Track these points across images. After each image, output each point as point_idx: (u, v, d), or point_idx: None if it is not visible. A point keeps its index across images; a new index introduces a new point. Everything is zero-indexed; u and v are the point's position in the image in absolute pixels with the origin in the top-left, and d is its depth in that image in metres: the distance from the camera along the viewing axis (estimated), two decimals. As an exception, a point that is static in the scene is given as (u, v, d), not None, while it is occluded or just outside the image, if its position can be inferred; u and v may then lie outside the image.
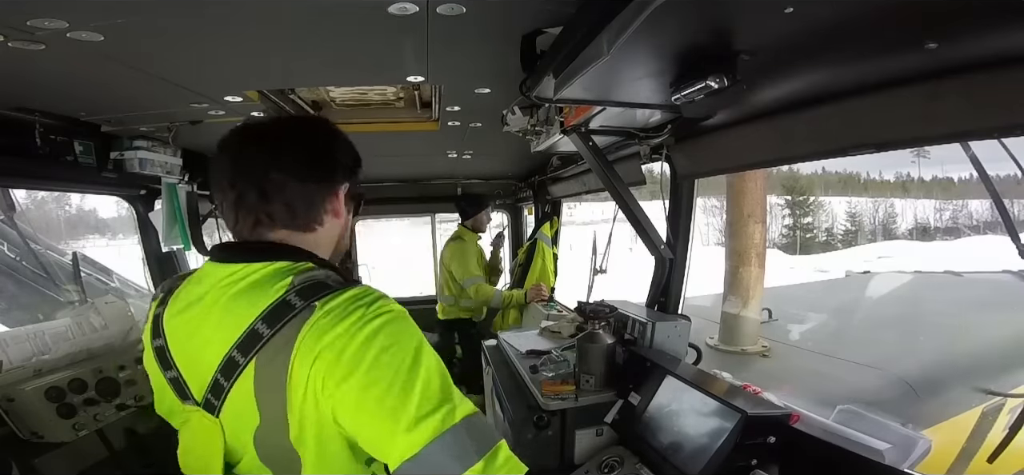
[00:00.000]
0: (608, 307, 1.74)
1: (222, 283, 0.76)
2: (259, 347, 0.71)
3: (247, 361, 0.72)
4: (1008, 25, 0.74)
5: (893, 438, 1.22)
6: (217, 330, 0.74)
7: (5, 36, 0.92)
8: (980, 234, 27.70)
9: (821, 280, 8.45)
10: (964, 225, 30.15)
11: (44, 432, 1.56)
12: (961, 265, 6.61)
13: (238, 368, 0.72)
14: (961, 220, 32.91)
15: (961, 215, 33.75)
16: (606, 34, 0.77)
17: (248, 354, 0.72)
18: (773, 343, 4.16)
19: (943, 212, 34.44)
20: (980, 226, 31.86)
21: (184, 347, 0.79)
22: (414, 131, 2.00)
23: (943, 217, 34.42)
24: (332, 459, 0.74)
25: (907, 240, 29.88)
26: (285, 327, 0.71)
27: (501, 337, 2.22)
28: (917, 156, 37.74)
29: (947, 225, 33.63)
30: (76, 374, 1.69)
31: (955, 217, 33.99)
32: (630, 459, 1.43)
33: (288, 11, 0.91)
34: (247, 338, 0.72)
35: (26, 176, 1.69)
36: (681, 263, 1.81)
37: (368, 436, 0.69)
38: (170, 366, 0.80)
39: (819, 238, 33.41)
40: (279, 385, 0.70)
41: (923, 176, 41.21)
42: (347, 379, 0.68)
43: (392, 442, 0.66)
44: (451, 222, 3.73)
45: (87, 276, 3.39)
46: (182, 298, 0.81)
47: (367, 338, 0.69)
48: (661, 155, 1.74)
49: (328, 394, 0.68)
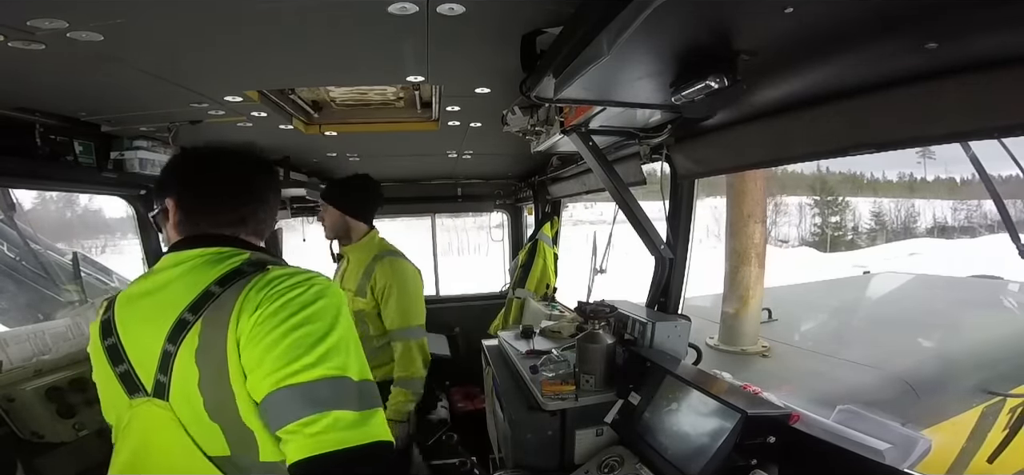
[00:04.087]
0: (608, 307, 1.74)
1: (186, 261, 0.87)
2: (209, 303, 0.79)
3: (196, 319, 0.79)
4: (1008, 25, 0.74)
5: (893, 438, 1.22)
6: (172, 300, 0.81)
7: (5, 36, 0.92)
8: (994, 233, 27.78)
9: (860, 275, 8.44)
10: (978, 224, 30.26)
11: (44, 432, 1.56)
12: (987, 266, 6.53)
13: (186, 327, 0.78)
14: (975, 219, 33.12)
15: (975, 215, 33.99)
16: (606, 34, 0.76)
17: (198, 311, 0.79)
18: (780, 344, 4.14)
19: (958, 211, 34.88)
20: (994, 225, 32.01)
21: (136, 333, 0.84)
22: (414, 131, 2.00)
23: (959, 216, 34.80)
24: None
25: (929, 237, 30.13)
26: (235, 284, 0.81)
27: (501, 337, 2.22)
28: (923, 156, 38.07)
29: (962, 224, 33.87)
30: (76, 374, 1.70)
31: (970, 216, 34.24)
32: (630, 459, 1.43)
33: (288, 11, 0.91)
34: (200, 298, 0.80)
35: (26, 176, 1.69)
36: (681, 263, 1.81)
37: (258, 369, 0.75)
38: (121, 360, 0.84)
39: (846, 237, 33.95)
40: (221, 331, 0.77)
41: (926, 177, 41.56)
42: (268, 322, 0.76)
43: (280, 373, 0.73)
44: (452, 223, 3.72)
45: (87, 276, 3.38)
46: (136, 290, 0.89)
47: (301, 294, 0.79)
48: (661, 155, 1.74)
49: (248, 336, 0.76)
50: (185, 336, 0.78)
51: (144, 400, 0.81)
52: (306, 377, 0.72)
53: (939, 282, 6.32)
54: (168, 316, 0.80)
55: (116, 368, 0.84)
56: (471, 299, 4.01)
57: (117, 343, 0.85)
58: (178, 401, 0.78)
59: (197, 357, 0.77)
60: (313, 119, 1.90)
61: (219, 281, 0.82)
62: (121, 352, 0.84)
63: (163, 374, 0.79)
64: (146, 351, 0.81)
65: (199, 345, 0.77)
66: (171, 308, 0.81)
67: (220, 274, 0.83)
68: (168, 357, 0.78)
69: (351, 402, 0.73)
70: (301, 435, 0.70)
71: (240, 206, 0.95)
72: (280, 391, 0.72)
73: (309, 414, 0.71)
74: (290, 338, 0.74)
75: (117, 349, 0.84)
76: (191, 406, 0.78)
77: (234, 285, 0.81)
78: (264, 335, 0.75)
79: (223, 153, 0.99)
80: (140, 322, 0.84)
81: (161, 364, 0.79)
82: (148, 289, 0.87)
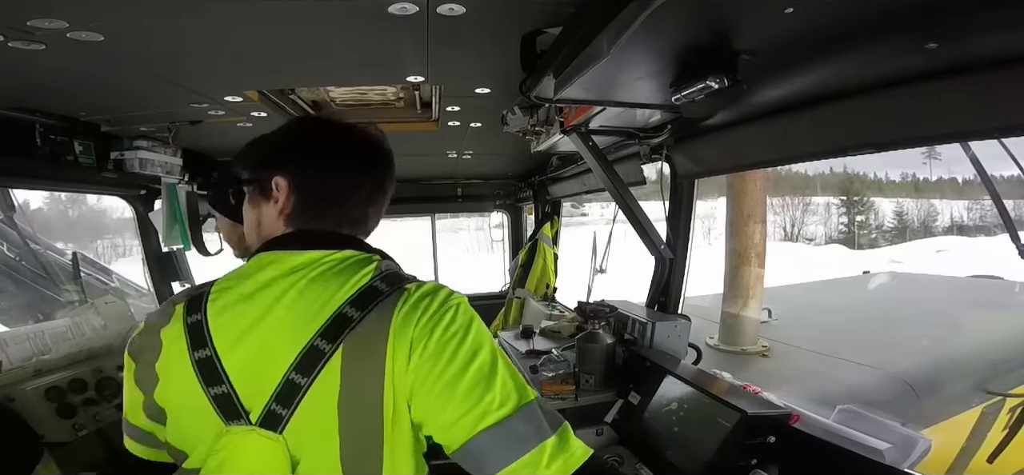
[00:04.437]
0: (608, 307, 1.74)
1: (301, 267, 0.71)
2: (348, 330, 0.67)
3: (334, 348, 0.66)
4: (1008, 25, 0.74)
5: (893, 438, 1.22)
6: (293, 319, 0.68)
7: (5, 36, 0.92)
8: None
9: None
10: (993, 224, 30.63)
11: (44, 432, 1.55)
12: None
13: (322, 357, 0.65)
14: (989, 219, 33.54)
15: (989, 215, 34.56)
16: (606, 34, 0.77)
17: (335, 339, 0.66)
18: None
19: (973, 210, 35.50)
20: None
21: (241, 349, 0.68)
22: (414, 131, 2.00)
23: (973, 215, 35.38)
24: (405, 449, 0.72)
25: (948, 236, 30.62)
26: (376, 309, 0.68)
27: (501, 337, 2.22)
28: (928, 158, 38.58)
29: (976, 223, 34.22)
30: (76, 374, 1.69)
31: (984, 216, 34.73)
32: (630, 459, 1.43)
33: (288, 11, 0.91)
34: (335, 322, 0.67)
35: (26, 176, 1.69)
36: (681, 263, 1.81)
37: (448, 417, 0.67)
38: (220, 379, 0.68)
39: (871, 234, 34.72)
40: (376, 372, 0.67)
41: (930, 177, 42.07)
42: (437, 360, 0.67)
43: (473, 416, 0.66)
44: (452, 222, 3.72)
45: (87, 276, 3.38)
46: (233, 295, 0.71)
47: (456, 322, 0.70)
48: (661, 155, 1.74)
49: (416, 377, 0.68)
50: (322, 368, 0.65)
51: (245, 428, 0.67)
52: (500, 415, 0.66)
53: (938, 282, 6.33)
54: (292, 337, 0.67)
55: (211, 388, 0.67)
56: (471, 299, 3.99)
57: (214, 357, 0.68)
58: (299, 438, 0.66)
59: (341, 395, 0.66)
60: (313, 119, 1.90)
61: (354, 301, 0.68)
62: (219, 370, 0.68)
63: (283, 407, 0.66)
64: (255, 375, 0.67)
65: (343, 385, 0.66)
66: (294, 328, 0.67)
67: (353, 292, 0.69)
68: (295, 389, 0.65)
69: (546, 428, 0.67)
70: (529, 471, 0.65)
71: (367, 204, 0.80)
72: (480, 436, 0.65)
73: (523, 452, 0.65)
74: (467, 376, 0.67)
75: (214, 365, 0.68)
76: (317, 447, 0.67)
77: (375, 309, 0.68)
78: (437, 377, 0.67)
79: (355, 132, 0.82)
80: (245, 338, 0.68)
81: (282, 394, 0.66)
82: (250, 293, 0.70)
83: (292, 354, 0.66)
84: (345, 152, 0.80)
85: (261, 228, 0.79)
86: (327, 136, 0.81)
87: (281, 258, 0.72)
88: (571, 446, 0.68)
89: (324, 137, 0.81)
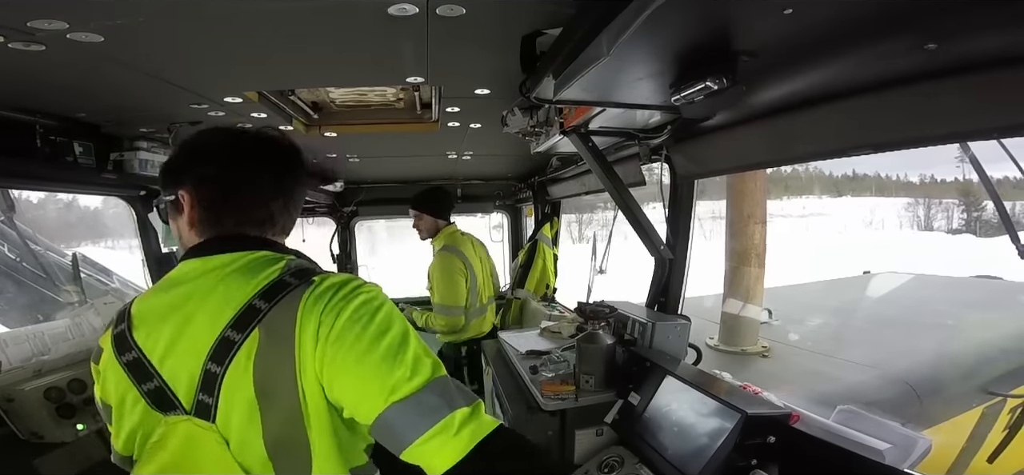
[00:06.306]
0: (608, 307, 1.74)
1: (213, 270, 0.79)
2: (257, 320, 0.73)
3: (243, 337, 0.72)
4: (1008, 25, 0.74)
5: (893, 438, 1.22)
6: (207, 315, 0.75)
7: (5, 37, 0.92)
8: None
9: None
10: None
11: (44, 432, 1.56)
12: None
13: (233, 347, 0.72)
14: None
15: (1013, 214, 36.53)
16: (606, 34, 0.77)
17: (244, 329, 0.73)
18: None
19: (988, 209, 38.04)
20: (1032, 223, 33.98)
21: (165, 348, 0.76)
22: (414, 132, 2.01)
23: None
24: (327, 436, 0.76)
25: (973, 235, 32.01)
26: (284, 300, 0.74)
27: (501, 337, 2.22)
28: (962, 161, 41.08)
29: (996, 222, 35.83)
30: (76, 374, 1.69)
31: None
32: (630, 459, 1.43)
33: (288, 12, 0.91)
34: (244, 314, 0.73)
35: (26, 177, 1.69)
36: (681, 263, 1.81)
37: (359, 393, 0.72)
38: (149, 376, 0.76)
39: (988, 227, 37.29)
40: (286, 356, 0.72)
41: (946, 178, 44.12)
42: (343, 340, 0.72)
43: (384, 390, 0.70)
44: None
45: (87, 276, 3.38)
46: (156, 302, 0.79)
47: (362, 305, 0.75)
48: (661, 156, 1.74)
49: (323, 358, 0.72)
50: (233, 356, 0.72)
51: (183, 418, 0.74)
52: (411, 388, 0.70)
53: (938, 282, 6.33)
54: (206, 332, 0.73)
55: (142, 385, 0.76)
56: None
57: (141, 358, 0.76)
58: (227, 422, 0.73)
59: (255, 380, 0.72)
60: (313, 120, 1.90)
61: (262, 295, 0.74)
62: (148, 368, 0.76)
63: (207, 395, 0.72)
64: (180, 368, 0.75)
65: (256, 368, 0.72)
66: (208, 324, 0.74)
67: (262, 286, 0.75)
68: (213, 378, 0.72)
69: (458, 400, 0.72)
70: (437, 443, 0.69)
71: (270, 202, 0.85)
72: (392, 409, 0.69)
73: (435, 422, 0.69)
74: (376, 353, 0.71)
75: (141, 364, 0.76)
76: (243, 429, 0.73)
77: (283, 300, 0.74)
78: (344, 355, 0.71)
79: (246, 136, 0.86)
80: (169, 337, 0.76)
81: (204, 384, 0.73)
82: (173, 301, 0.78)
83: (208, 346, 0.73)
84: (237, 155, 0.85)
85: (182, 240, 0.86)
86: (220, 143, 0.85)
87: (197, 264, 0.80)
88: (482, 418, 0.72)
89: (217, 144, 0.85)
